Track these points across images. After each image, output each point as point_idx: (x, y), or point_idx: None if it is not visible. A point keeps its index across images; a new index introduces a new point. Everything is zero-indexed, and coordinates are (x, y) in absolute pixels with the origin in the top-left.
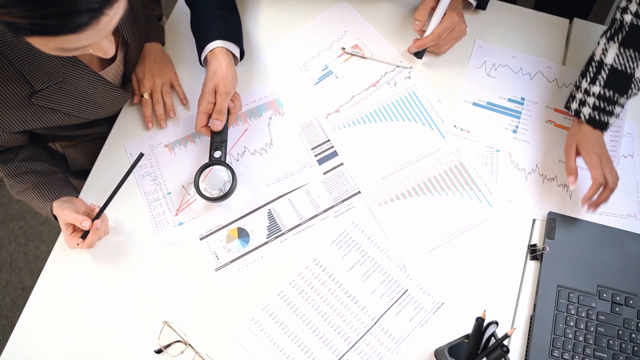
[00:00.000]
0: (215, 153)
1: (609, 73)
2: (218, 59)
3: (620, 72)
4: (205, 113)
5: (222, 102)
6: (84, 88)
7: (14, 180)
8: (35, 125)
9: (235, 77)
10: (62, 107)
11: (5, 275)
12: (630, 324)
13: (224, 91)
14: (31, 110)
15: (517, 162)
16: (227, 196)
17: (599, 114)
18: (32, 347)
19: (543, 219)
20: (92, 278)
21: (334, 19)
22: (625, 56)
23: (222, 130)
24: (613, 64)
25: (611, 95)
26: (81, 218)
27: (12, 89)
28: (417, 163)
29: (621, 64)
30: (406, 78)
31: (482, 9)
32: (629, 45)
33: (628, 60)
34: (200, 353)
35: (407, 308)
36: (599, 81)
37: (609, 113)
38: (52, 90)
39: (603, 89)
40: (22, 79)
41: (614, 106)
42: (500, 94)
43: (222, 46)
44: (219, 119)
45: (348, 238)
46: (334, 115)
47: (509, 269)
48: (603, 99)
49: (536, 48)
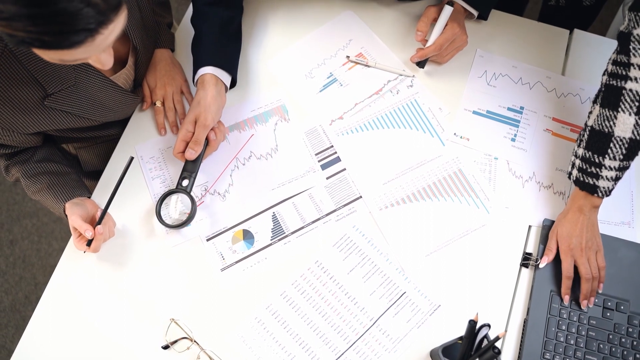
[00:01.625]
0: (183, 181)
1: (589, 134)
2: (205, 87)
3: (598, 132)
4: (183, 140)
5: (200, 134)
6: (95, 91)
7: (30, 180)
8: (48, 127)
9: (218, 110)
10: (73, 109)
11: (18, 271)
12: (621, 329)
13: (203, 123)
14: (44, 113)
15: (514, 170)
16: (182, 226)
17: (583, 176)
18: (45, 341)
19: (538, 226)
20: (102, 276)
21: (340, 27)
22: (602, 116)
23: (196, 160)
24: (593, 125)
25: (590, 156)
26: (85, 227)
27: (26, 92)
28: (417, 169)
29: (599, 124)
30: (408, 86)
31: (483, 19)
32: (604, 105)
33: (605, 120)
34: (205, 349)
35: (404, 309)
36: (582, 143)
37: (594, 175)
38: (64, 94)
39: (584, 150)
40: (36, 83)
41: (598, 168)
42: (499, 102)
43: (212, 73)
44: (194, 149)
45: (349, 241)
46: (338, 121)
47: (504, 274)
48: (584, 160)
49: (536, 58)
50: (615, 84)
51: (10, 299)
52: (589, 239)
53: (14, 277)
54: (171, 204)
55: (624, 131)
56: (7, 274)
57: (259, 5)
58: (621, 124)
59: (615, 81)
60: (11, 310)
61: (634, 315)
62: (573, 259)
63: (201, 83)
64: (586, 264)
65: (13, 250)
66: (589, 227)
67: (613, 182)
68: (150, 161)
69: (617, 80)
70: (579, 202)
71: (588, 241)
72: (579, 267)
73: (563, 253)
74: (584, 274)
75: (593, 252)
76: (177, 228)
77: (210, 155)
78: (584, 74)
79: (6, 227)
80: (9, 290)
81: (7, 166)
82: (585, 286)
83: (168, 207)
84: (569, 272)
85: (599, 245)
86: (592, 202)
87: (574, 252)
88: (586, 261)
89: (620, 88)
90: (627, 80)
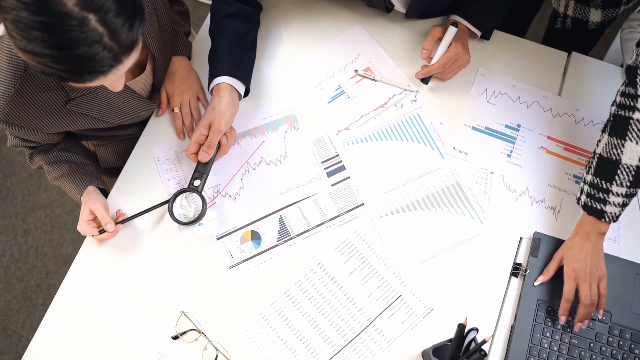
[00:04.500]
0: (195, 181)
1: (598, 161)
2: (220, 95)
3: (606, 159)
4: (196, 143)
5: (213, 138)
6: (113, 97)
7: (52, 167)
8: (69, 127)
9: (231, 116)
10: (93, 113)
11: (31, 259)
12: (602, 338)
13: (216, 128)
14: (66, 115)
15: (509, 184)
16: (193, 224)
17: (591, 201)
18: (63, 326)
19: (529, 238)
20: (118, 270)
21: (349, 42)
22: (610, 144)
23: (208, 162)
24: (602, 152)
25: (598, 182)
26: (107, 220)
27: (51, 97)
28: (417, 180)
29: (607, 151)
30: (412, 101)
31: (486, 39)
32: (613, 134)
33: (613, 148)
34: (212, 341)
35: (399, 311)
36: (590, 170)
37: (602, 201)
38: (85, 99)
39: (592, 176)
40: (60, 88)
41: (605, 194)
42: (498, 119)
43: (227, 82)
44: (207, 152)
45: (350, 245)
46: (344, 132)
47: (494, 282)
48: (592, 186)
49: (534, 78)
50: (623, 114)
51: (22, 286)
52: (593, 265)
53: (26, 265)
54: (183, 202)
55: (631, 159)
56: (20, 262)
57: (273, 18)
58: (628, 152)
59: (623, 112)
60: (23, 297)
61: (615, 326)
62: (575, 283)
63: (217, 91)
64: (587, 289)
65: (26, 240)
66: (594, 253)
67: (620, 208)
68: (166, 162)
69: (625, 111)
70: (586, 227)
71: (592, 267)
72: (580, 292)
73: (567, 276)
74: (583, 300)
75: (596, 278)
76: (188, 225)
77: (223, 160)
78: (579, 96)
79: (21, 217)
80: (21, 277)
81: (32, 154)
82: (582, 311)
83: (180, 205)
84: (569, 295)
85: (602, 272)
86: (598, 229)
87: (578, 276)
88: (588, 287)
89: (628, 118)
90: (634, 111)
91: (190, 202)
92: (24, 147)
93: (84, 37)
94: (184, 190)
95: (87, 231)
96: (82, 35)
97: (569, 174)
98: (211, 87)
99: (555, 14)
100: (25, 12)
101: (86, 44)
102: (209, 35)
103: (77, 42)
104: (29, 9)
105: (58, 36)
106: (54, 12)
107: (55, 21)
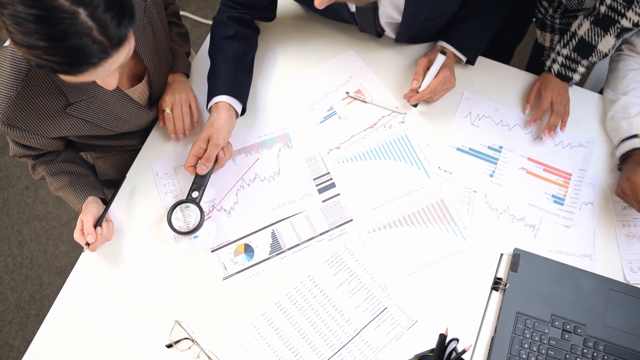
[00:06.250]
0: (193, 193)
1: (579, 42)
2: (219, 112)
3: (586, 42)
4: (195, 156)
5: (211, 152)
6: (111, 103)
7: (54, 178)
8: (69, 132)
9: (229, 132)
10: (92, 118)
11: (25, 270)
12: (577, 349)
13: (214, 142)
14: (66, 120)
15: (491, 203)
16: (191, 233)
17: (565, 70)
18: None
19: (509, 254)
20: (115, 281)
21: (341, 65)
22: (593, 31)
23: (206, 175)
24: (583, 35)
25: (575, 57)
26: (90, 231)
27: (50, 100)
28: (404, 198)
29: (589, 37)
30: (400, 122)
31: (471, 64)
32: (597, 24)
33: (594, 35)
34: (204, 349)
35: (385, 323)
36: (569, 46)
37: (573, 70)
38: (84, 104)
39: (571, 51)
40: (60, 92)
41: (576, 65)
42: (481, 141)
43: (226, 101)
44: (206, 165)
45: (339, 259)
46: (335, 151)
47: (476, 295)
48: (568, 59)
49: (516, 102)
50: (612, 16)
51: (16, 297)
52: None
53: (20, 276)
54: (181, 212)
55: (604, 47)
56: (14, 273)
57: (270, 41)
58: (605, 42)
59: (613, 14)
60: (16, 308)
61: (589, 338)
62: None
63: (215, 108)
64: (560, 104)
65: (21, 251)
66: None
67: (580, 75)
68: (164, 177)
69: (615, 14)
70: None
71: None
72: (553, 105)
73: (547, 92)
74: (555, 109)
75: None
76: (186, 235)
77: (219, 175)
78: None
79: (16, 228)
80: (15, 288)
81: (34, 165)
82: (553, 119)
83: (178, 215)
84: (545, 106)
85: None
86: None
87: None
88: (560, 103)
89: (615, 20)
90: (622, 17)
91: (185, 214)
92: (26, 157)
93: (74, 30)
94: (182, 202)
95: (80, 240)
96: (73, 28)
97: (548, 194)
98: (210, 105)
99: (540, 47)
100: (21, 6)
101: (76, 36)
102: (209, 56)
103: (68, 34)
104: (24, 3)
105: (51, 28)
106: (47, 6)
107: (47, 14)
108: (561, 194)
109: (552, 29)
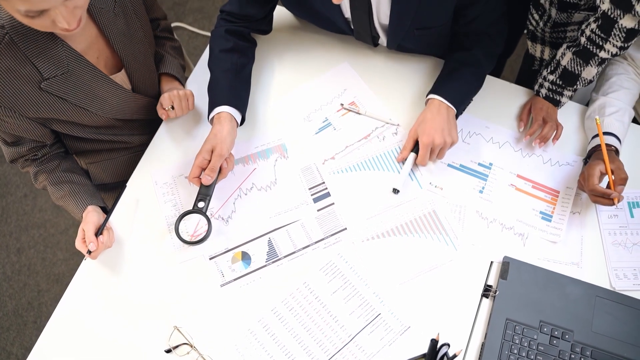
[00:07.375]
0: (199, 203)
1: (562, 71)
2: (221, 123)
3: (569, 72)
4: (199, 167)
5: (215, 162)
6: (86, 80)
7: (55, 187)
8: (49, 113)
9: (232, 142)
10: (69, 97)
11: (23, 277)
12: (565, 355)
13: (219, 153)
14: (42, 97)
15: (481, 212)
16: (200, 243)
17: (552, 94)
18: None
19: (499, 262)
20: (114, 287)
21: (336, 78)
22: (575, 62)
23: (210, 185)
24: (566, 65)
25: (561, 83)
26: (92, 239)
27: (24, 73)
28: (397, 208)
29: (572, 67)
30: (393, 134)
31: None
32: (578, 55)
33: (576, 65)
34: (203, 355)
35: (378, 329)
36: (555, 73)
37: (560, 94)
38: (59, 80)
39: (557, 78)
40: (32, 66)
41: (562, 90)
42: (471, 158)
43: (228, 111)
44: (210, 175)
45: (334, 267)
46: (330, 161)
47: (467, 302)
48: (554, 84)
49: (506, 120)
50: (591, 49)
51: (14, 303)
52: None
53: (18, 283)
54: (188, 223)
55: (587, 75)
56: (12, 280)
57: (267, 54)
58: (587, 71)
59: (592, 47)
60: (14, 315)
61: (577, 343)
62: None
63: (217, 119)
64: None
65: (19, 258)
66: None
67: (568, 99)
68: (163, 186)
69: (593, 47)
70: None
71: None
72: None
73: (536, 110)
74: (548, 120)
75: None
76: (195, 244)
77: (218, 185)
78: None
79: (15, 236)
80: (13, 295)
81: (37, 173)
82: (546, 130)
83: (185, 225)
84: (539, 121)
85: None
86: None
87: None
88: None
89: (594, 53)
90: (601, 50)
91: (187, 224)
92: (23, 161)
93: None
94: (189, 212)
95: (81, 248)
96: None
97: (536, 210)
98: (212, 116)
99: (531, 57)
100: None
101: None
102: (208, 68)
103: None
104: None
105: None
106: None
107: None
108: (549, 210)
109: (543, 41)
